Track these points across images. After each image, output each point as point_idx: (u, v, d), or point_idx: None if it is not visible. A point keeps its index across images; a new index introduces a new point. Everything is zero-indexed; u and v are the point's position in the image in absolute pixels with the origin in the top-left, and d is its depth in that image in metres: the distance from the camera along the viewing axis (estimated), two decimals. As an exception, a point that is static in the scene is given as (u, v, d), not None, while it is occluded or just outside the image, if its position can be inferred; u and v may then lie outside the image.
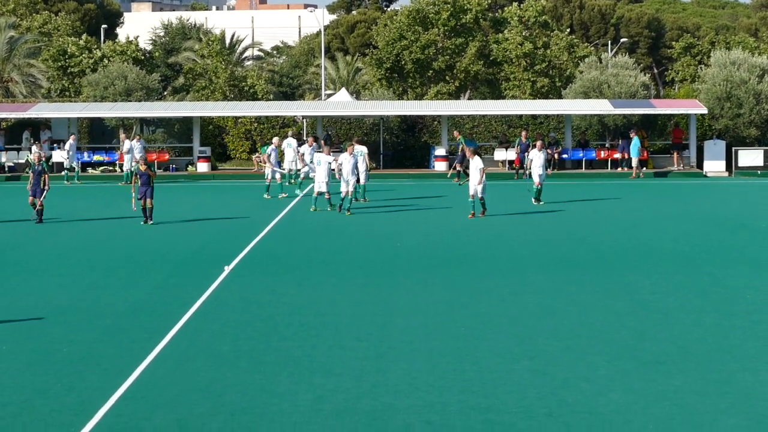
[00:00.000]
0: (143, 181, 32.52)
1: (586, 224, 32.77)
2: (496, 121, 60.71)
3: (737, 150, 55.19)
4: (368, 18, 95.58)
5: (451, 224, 32.68)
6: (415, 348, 16.69)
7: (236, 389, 14.40)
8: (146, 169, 32.79)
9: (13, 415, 13.36)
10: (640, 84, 58.92)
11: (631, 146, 52.79)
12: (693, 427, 12.81)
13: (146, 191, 32.47)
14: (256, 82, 67.45)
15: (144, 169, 32.81)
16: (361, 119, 60.87)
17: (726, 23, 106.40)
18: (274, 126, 62.20)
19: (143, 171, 32.75)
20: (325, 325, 18.39)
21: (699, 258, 25.98)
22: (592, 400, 13.84)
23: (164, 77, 76.04)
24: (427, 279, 22.99)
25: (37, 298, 21.03)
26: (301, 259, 25.97)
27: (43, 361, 15.95)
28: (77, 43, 70.18)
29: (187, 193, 45.72)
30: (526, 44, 65.04)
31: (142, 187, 32.47)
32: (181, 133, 61.77)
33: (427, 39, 64.36)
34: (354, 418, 13.17)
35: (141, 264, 25.25)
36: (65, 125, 57.36)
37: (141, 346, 16.82)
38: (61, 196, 41.83)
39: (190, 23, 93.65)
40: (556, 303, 20.22)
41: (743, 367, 15.43)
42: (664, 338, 17.28)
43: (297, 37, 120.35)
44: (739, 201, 41.04)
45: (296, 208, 38.14)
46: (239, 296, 21.11)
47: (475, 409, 13.49)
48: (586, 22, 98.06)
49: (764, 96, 56.45)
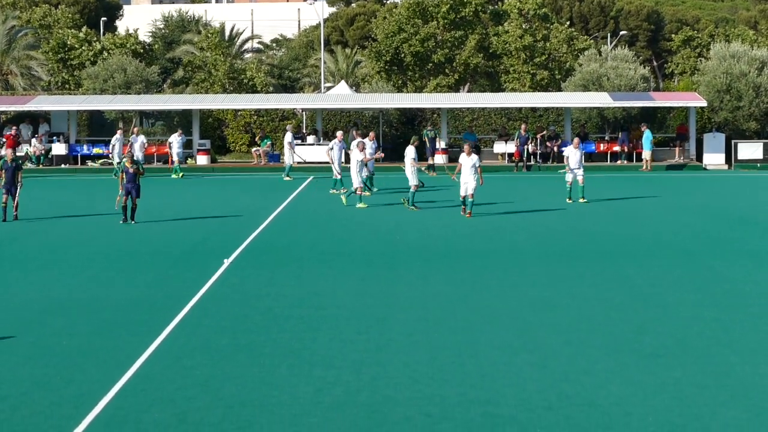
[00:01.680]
0: (128, 178, 31.34)
1: (586, 217, 32.76)
2: (496, 113, 60.73)
3: (737, 143, 55.22)
4: (367, 11, 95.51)
5: (451, 217, 32.66)
6: (415, 341, 16.69)
7: (235, 382, 14.40)
8: (134, 168, 31.55)
9: (13, 407, 13.36)
10: (639, 77, 58.97)
11: (643, 139, 52.80)
12: (692, 419, 12.81)
13: (131, 189, 31.33)
14: (255, 75, 67.46)
15: (130, 166, 31.56)
16: (361, 112, 60.84)
17: (725, 16, 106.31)
18: (274, 119, 62.23)
19: (128, 168, 31.56)
20: (324, 317, 18.39)
21: (699, 251, 25.98)
22: (591, 392, 13.84)
23: (164, 70, 76.02)
24: (427, 272, 22.99)
25: (36, 292, 21.02)
26: (301, 251, 25.96)
27: (43, 354, 15.95)
28: (77, 36, 70.19)
29: (186, 186, 45.69)
30: (525, 37, 65.05)
31: (127, 184, 31.28)
32: (180, 126, 61.80)
33: (426, 32, 64.32)
34: (353, 411, 13.17)
35: (140, 257, 25.24)
36: (65, 118, 57.35)
37: (140, 339, 16.81)
38: (67, 190, 41.79)
39: (189, 16, 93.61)
40: (556, 296, 20.22)
41: (742, 360, 15.43)
42: (663, 331, 17.29)
43: (296, 29, 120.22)
44: (739, 194, 41.04)
45: (295, 200, 38.13)
46: (238, 289, 21.11)
47: (474, 401, 13.49)
48: (586, 15, 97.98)
49: (764, 89, 56.48)
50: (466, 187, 32.30)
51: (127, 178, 31.34)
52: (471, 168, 32.21)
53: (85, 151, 56.03)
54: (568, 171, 36.74)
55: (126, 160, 32.09)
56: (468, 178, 32.22)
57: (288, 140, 47.93)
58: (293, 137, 48.89)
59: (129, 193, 31.32)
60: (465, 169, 32.29)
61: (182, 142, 50.60)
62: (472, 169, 32.21)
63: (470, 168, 32.20)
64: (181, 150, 50.34)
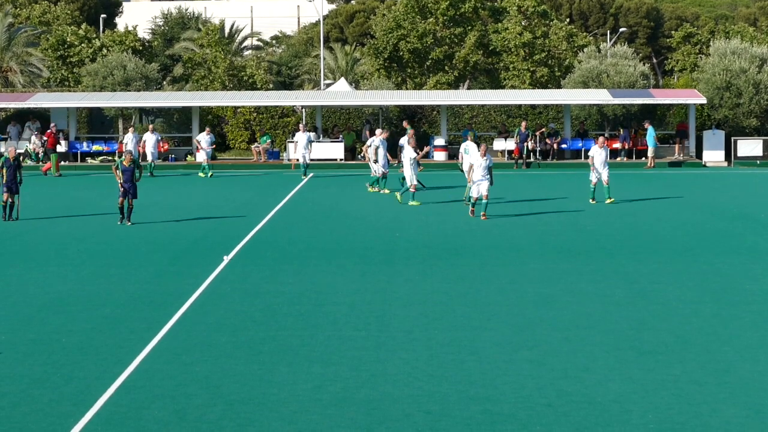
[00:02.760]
0: (126, 177, 30.01)
1: (585, 213, 32.74)
2: (495, 110, 60.70)
3: (736, 140, 55.20)
4: (367, 7, 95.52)
5: (450, 213, 32.65)
6: (414, 338, 16.68)
7: (234, 379, 14.39)
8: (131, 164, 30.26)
9: (12, 404, 13.35)
10: (639, 74, 58.97)
11: (647, 136, 52.82)
12: (692, 416, 12.81)
13: (128, 189, 30.05)
14: (255, 72, 67.43)
15: (128, 165, 30.25)
16: (360, 109, 60.83)
17: (725, 13, 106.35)
18: (273, 116, 62.21)
19: (126, 166, 30.21)
20: (323, 314, 18.38)
21: (698, 247, 25.98)
22: (591, 389, 13.83)
23: (163, 67, 76.00)
24: (426, 269, 22.98)
25: (36, 288, 21.02)
26: (300, 248, 25.95)
27: (42, 351, 15.94)
28: (76, 33, 70.17)
29: (186, 183, 45.68)
30: (525, 34, 65.03)
31: (124, 183, 29.98)
32: (180, 123, 61.79)
33: (424, 28, 64.29)
34: (353, 408, 13.16)
35: (140, 254, 25.23)
36: (64, 115, 57.34)
37: (140, 336, 16.81)
38: (67, 186, 41.76)
39: (189, 13, 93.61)
40: (555, 292, 20.21)
41: (742, 357, 15.43)
42: (663, 328, 17.28)
43: (296, 26, 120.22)
44: (739, 191, 41.04)
45: (295, 197, 38.13)
46: (238, 286, 21.10)
47: (474, 399, 13.49)
48: (585, 12, 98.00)
49: (764, 86, 56.45)
50: (479, 188, 31.14)
51: (125, 177, 30.06)
52: (484, 169, 31.05)
53: (84, 148, 56.02)
54: (592, 171, 35.18)
55: (124, 158, 30.58)
56: (481, 179, 31.10)
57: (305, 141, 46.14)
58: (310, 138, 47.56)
59: (126, 193, 30.13)
60: (477, 170, 31.13)
61: (211, 141, 48.87)
62: (485, 171, 31.07)
63: (484, 169, 31.04)
64: (210, 149, 48.48)
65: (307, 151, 45.80)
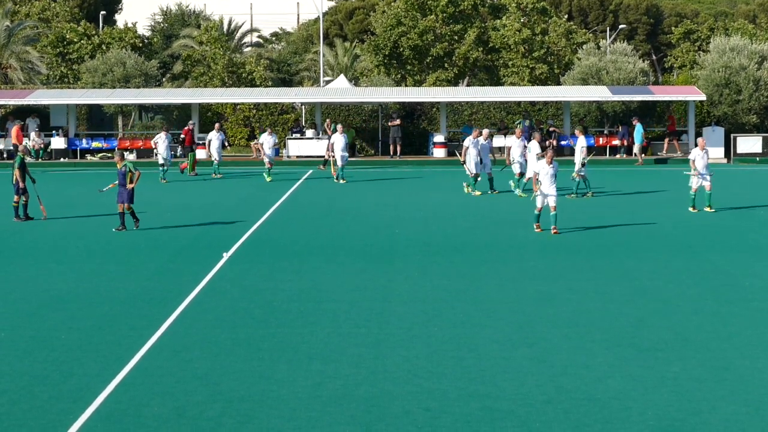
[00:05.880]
0: (120, 181, 28.23)
1: (585, 210, 32.73)
2: (495, 107, 60.67)
3: (736, 137, 55.20)
4: (367, 4, 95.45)
5: (450, 210, 32.66)
6: (414, 335, 16.69)
7: (234, 376, 14.40)
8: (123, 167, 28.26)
9: (12, 401, 13.36)
10: (638, 70, 58.94)
11: (635, 133, 52.81)
12: (691, 413, 12.82)
13: (123, 194, 28.19)
14: (254, 69, 67.42)
15: (120, 168, 28.32)
16: (360, 106, 60.82)
17: (724, 9, 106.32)
18: (273, 113, 62.19)
19: (119, 169, 28.32)
20: (323, 311, 18.39)
21: (698, 244, 25.98)
22: (590, 387, 13.84)
23: (163, 64, 75.97)
24: (426, 265, 22.99)
25: (35, 285, 21.02)
26: (300, 245, 25.95)
27: (42, 348, 15.95)
28: (76, 30, 70.13)
29: (185, 180, 45.64)
30: (524, 31, 64.99)
31: (120, 188, 28.23)
32: (179, 120, 61.77)
33: (424, 25, 64.29)
34: (352, 405, 13.17)
35: (139, 251, 25.23)
36: (64, 112, 57.33)
37: (139, 333, 16.82)
38: (66, 183, 41.72)
39: (188, 9, 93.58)
40: (555, 290, 20.22)
41: (742, 355, 15.44)
42: (662, 325, 17.29)
43: (295, 23, 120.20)
44: (738, 188, 41.01)
45: (294, 194, 38.12)
46: (237, 283, 21.10)
47: (473, 396, 13.49)
48: (585, 9, 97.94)
49: (763, 82, 56.43)
50: (546, 199, 27.70)
51: (118, 181, 28.36)
52: (551, 177, 27.50)
53: (84, 145, 56.00)
54: (695, 176, 32.08)
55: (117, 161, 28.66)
56: (549, 189, 27.50)
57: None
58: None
59: (122, 199, 28.22)
60: (545, 179, 27.55)
61: (221, 140, 47.32)
62: (552, 179, 27.54)
63: (551, 177, 27.50)
64: (221, 149, 47.03)
65: (346, 153, 44.07)
